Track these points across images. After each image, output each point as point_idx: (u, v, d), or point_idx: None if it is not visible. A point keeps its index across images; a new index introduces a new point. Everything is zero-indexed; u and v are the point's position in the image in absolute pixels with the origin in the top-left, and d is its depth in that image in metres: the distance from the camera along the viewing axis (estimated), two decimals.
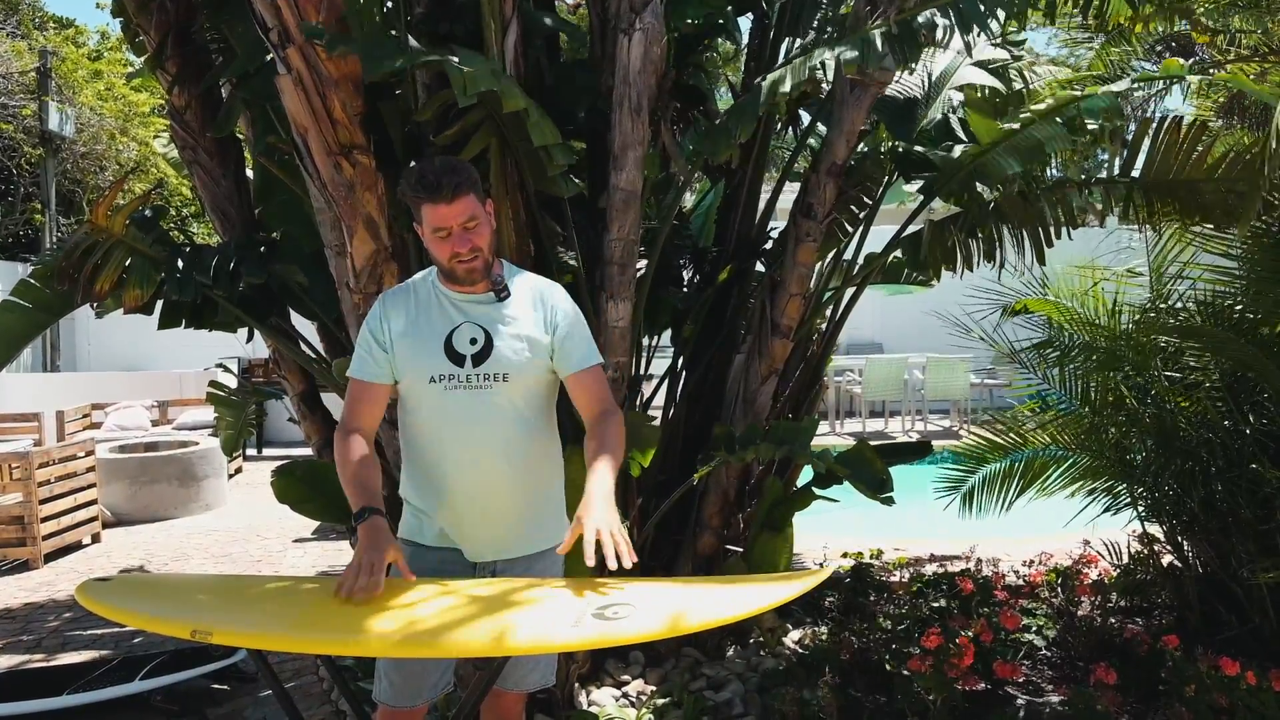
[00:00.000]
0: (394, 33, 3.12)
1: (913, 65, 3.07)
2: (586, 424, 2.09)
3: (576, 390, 2.10)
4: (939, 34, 2.90)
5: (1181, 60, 3.12)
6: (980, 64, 3.87)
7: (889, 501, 2.84)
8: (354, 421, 2.08)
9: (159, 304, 3.52)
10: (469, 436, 2.05)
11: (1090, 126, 3.42)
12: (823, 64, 2.87)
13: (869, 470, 2.94)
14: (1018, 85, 4.13)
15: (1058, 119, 3.34)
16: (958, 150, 3.64)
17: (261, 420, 9.53)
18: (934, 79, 3.98)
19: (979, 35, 3.18)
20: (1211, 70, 6.75)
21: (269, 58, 2.94)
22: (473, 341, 2.05)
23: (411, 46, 2.71)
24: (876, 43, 2.87)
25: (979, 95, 3.82)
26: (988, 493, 4.16)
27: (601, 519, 1.87)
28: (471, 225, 2.00)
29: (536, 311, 2.10)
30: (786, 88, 2.92)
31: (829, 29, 3.91)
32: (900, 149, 3.85)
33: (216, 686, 3.61)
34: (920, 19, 2.91)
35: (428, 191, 1.97)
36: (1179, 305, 3.68)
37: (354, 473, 2.02)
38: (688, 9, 3.19)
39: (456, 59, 2.51)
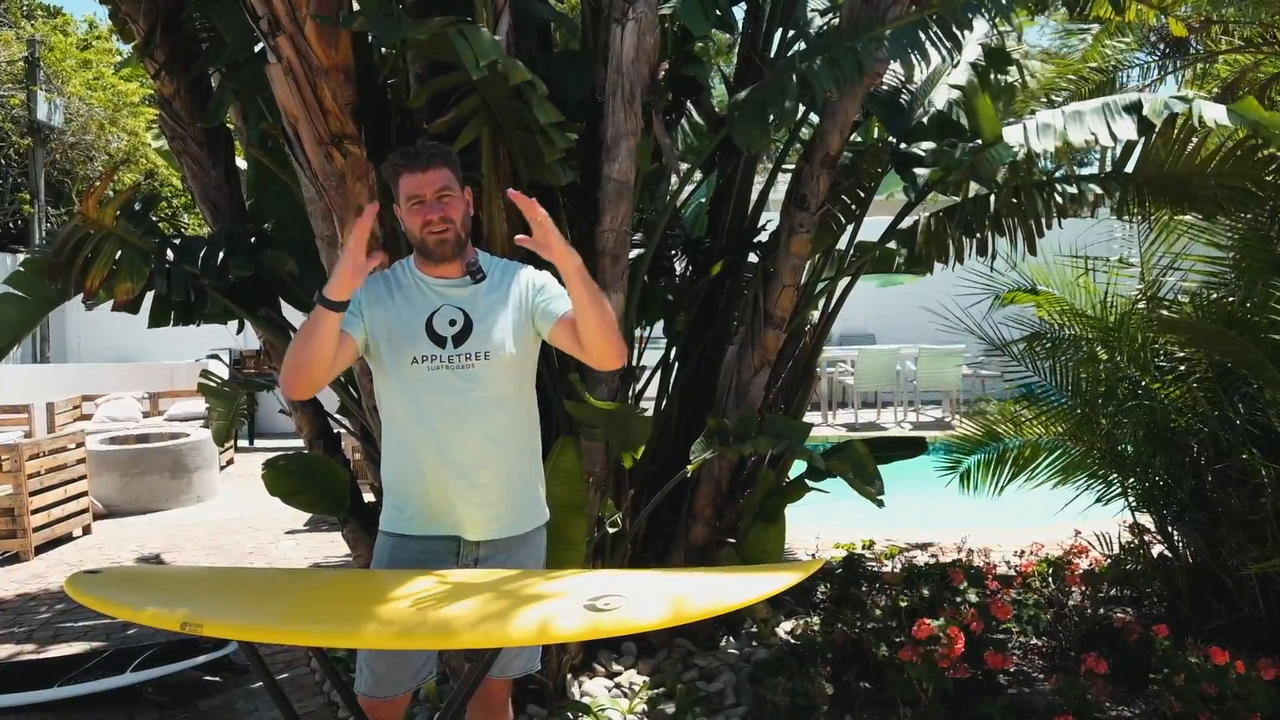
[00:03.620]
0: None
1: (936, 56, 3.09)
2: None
3: (568, 329, 2.08)
4: (976, 25, 2.93)
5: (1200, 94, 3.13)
6: (973, 64, 3.87)
7: (879, 504, 2.86)
8: None
9: (149, 298, 3.50)
10: (452, 414, 2.08)
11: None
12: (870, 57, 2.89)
13: (860, 468, 2.95)
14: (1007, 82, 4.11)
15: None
16: (958, 147, 3.63)
17: (253, 411, 9.50)
18: (925, 77, 3.97)
19: (968, 34, 3.20)
20: (1209, 69, 6.75)
21: (259, 47, 2.92)
22: (452, 323, 2.10)
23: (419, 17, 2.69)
24: (918, 36, 2.89)
25: (978, 91, 3.81)
26: (982, 475, 4.18)
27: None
28: (446, 196, 2.07)
29: (511, 289, 2.15)
30: (833, 85, 2.92)
31: (826, 15, 3.90)
32: (897, 145, 3.85)
33: (208, 678, 3.61)
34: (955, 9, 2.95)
35: (406, 159, 2.08)
36: (1170, 297, 3.69)
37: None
38: (700, 20, 3.18)
39: (460, 33, 2.49)
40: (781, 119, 3.03)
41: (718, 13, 3.30)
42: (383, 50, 3.21)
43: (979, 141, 3.42)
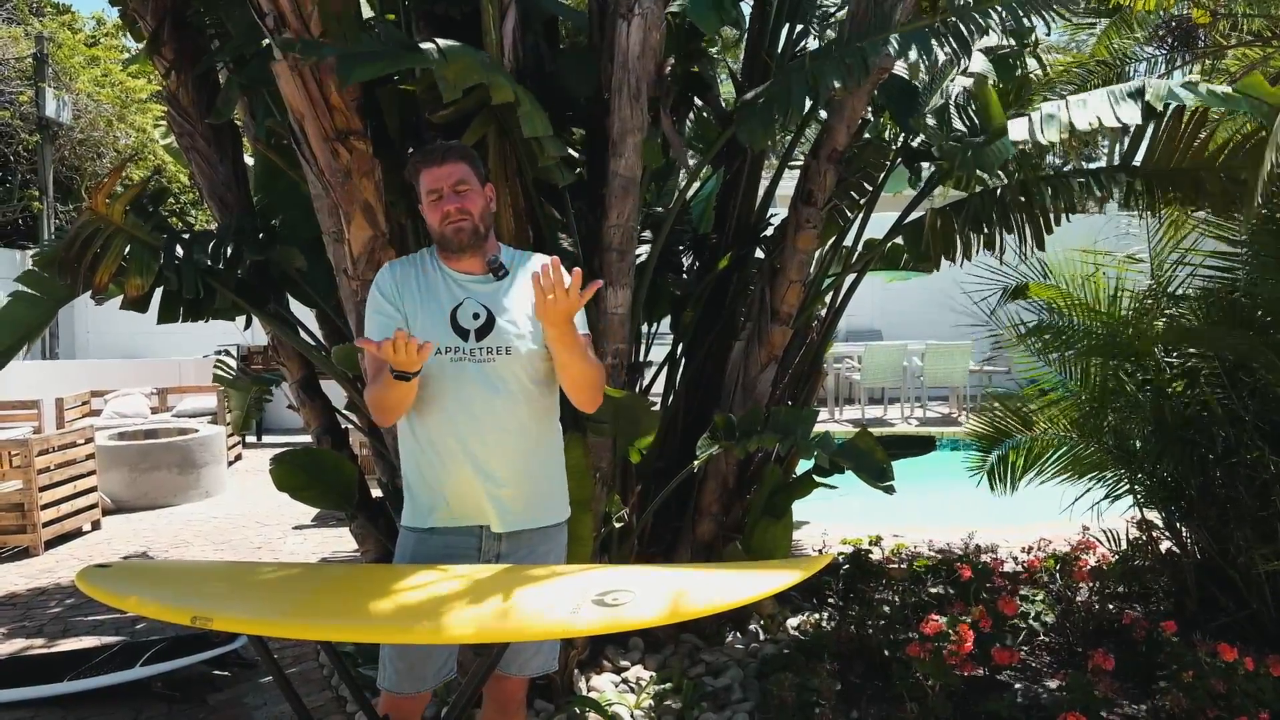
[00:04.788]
0: (377, 21, 3.10)
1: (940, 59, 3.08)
2: None
3: None
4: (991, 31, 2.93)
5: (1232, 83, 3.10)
6: (986, 50, 3.84)
7: (890, 490, 2.84)
8: None
9: (158, 294, 3.51)
10: (474, 408, 2.09)
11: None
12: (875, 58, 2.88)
13: (869, 459, 2.93)
14: (1023, 72, 4.08)
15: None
16: (963, 140, 3.62)
17: (262, 404, 9.51)
18: (938, 66, 3.95)
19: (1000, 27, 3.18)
20: (1218, 63, 6.71)
21: (265, 43, 2.92)
22: (475, 317, 2.11)
23: (394, 43, 2.68)
24: (929, 40, 2.89)
25: (985, 82, 3.79)
26: (998, 473, 4.16)
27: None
28: (462, 189, 2.10)
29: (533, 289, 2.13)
30: (841, 84, 2.91)
31: (833, 15, 3.89)
32: (908, 141, 3.83)
33: (217, 672, 3.62)
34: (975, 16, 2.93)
35: (424, 156, 2.12)
36: (1179, 293, 3.67)
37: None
38: (710, 19, 3.18)
39: (440, 54, 2.47)
40: (786, 118, 3.02)
41: (731, 12, 3.29)
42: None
43: (983, 136, 3.41)
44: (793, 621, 3.88)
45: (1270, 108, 2.95)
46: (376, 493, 3.81)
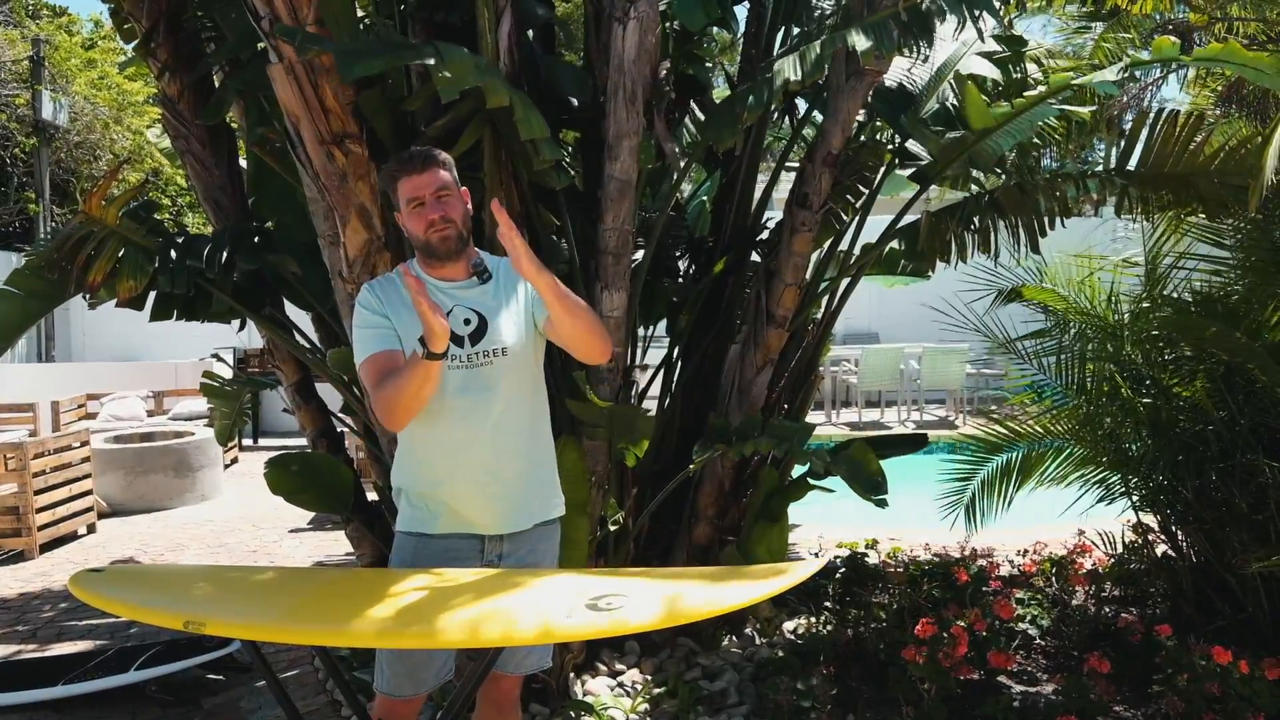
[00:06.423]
0: (375, 25, 3.10)
1: (923, 54, 3.04)
2: None
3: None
4: (951, 21, 2.89)
5: (1174, 39, 3.05)
6: (984, 54, 3.84)
7: (882, 504, 2.84)
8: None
9: (151, 295, 3.50)
10: (472, 412, 2.09)
11: (1084, 111, 3.41)
12: (833, 52, 2.86)
13: (863, 471, 2.93)
14: (1019, 75, 4.09)
15: (1051, 101, 3.33)
16: (951, 136, 3.62)
17: (256, 410, 9.50)
18: (934, 71, 3.95)
19: (985, 21, 3.15)
20: (1202, 41, 6.71)
21: (260, 46, 2.92)
22: (467, 322, 2.12)
23: (392, 43, 2.68)
24: (891, 30, 2.86)
25: (974, 83, 3.79)
26: (986, 495, 4.16)
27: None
28: (444, 195, 2.10)
29: (517, 285, 2.18)
30: (797, 76, 2.90)
31: (829, 16, 3.89)
32: (901, 142, 3.83)
33: (212, 676, 3.61)
34: (931, 5, 2.89)
35: (402, 164, 2.10)
36: (1175, 295, 3.68)
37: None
38: (696, 15, 3.18)
39: (438, 55, 2.47)
40: (746, 115, 3.00)
41: (718, 10, 3.28)
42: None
43: (965, 131, 3.41)
44: (789, 625, 3.88)
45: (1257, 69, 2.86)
46: (372, 496, 3.81)
